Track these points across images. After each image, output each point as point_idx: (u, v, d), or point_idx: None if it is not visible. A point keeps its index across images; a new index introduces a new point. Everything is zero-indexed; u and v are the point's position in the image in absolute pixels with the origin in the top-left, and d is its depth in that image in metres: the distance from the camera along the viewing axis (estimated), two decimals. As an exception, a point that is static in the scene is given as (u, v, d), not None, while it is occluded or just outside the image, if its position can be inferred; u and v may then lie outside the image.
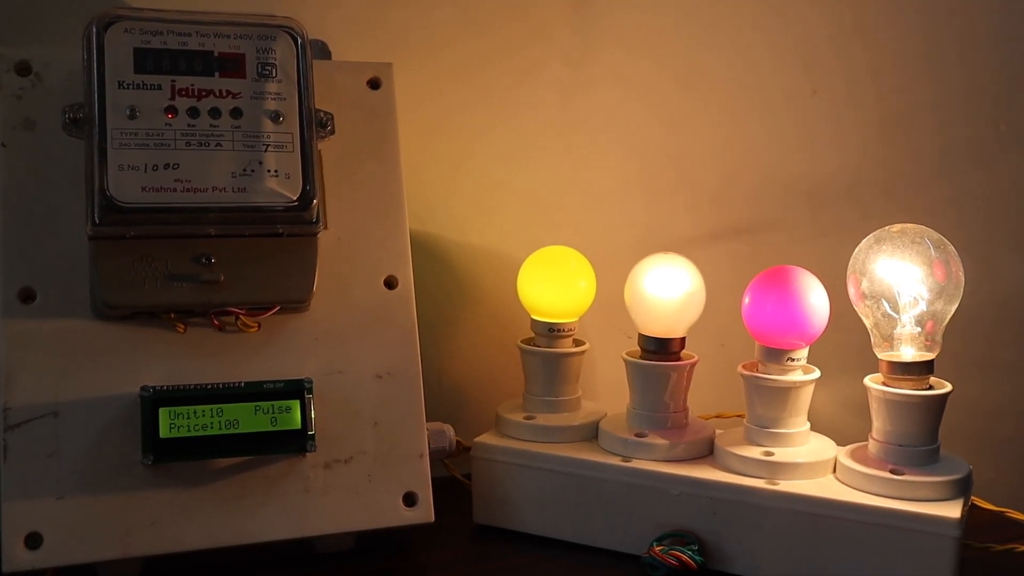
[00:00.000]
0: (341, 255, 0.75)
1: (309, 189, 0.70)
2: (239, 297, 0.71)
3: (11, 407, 0.68)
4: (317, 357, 0.73)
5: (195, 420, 0.69)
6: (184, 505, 0.69)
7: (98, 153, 0.67)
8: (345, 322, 0.74)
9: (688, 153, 0.96)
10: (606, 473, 0.77)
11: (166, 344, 0.71)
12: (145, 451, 0.68)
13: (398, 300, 0.76)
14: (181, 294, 0.69)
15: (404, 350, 0.75)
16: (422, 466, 0.74)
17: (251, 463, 0.71)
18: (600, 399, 0.88)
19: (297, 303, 0.73)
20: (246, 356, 0.72)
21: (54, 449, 0.68)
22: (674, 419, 0.79)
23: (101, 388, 0.69)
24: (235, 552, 0.70)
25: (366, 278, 0.75)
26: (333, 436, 0.72)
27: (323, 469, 0.72)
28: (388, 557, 0.75)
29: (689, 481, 0.74)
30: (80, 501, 0.68)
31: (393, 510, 0.73)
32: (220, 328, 0.72)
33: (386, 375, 0.74)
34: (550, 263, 0.83)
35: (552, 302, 0.82)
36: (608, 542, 0.77)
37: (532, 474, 0.79)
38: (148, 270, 0.69)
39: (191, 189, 0.68)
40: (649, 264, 0.79)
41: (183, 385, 0.70)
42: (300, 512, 0.71)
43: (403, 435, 0.74)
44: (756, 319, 0.75)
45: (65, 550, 0.67)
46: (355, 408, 0.73)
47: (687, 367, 0.78)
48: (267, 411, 0.70)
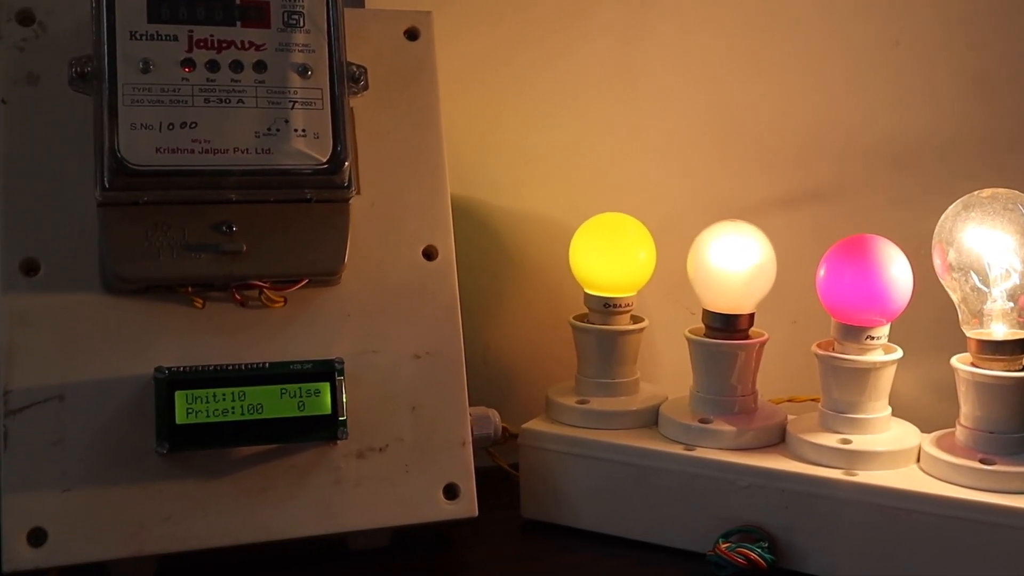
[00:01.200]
0: (375, 223, 0.74)
1: (340, 150, 0.69)
2: (263, 269, 0.70)
3: (12, 390, 0.66)
4: (349, 335, 0.72)
5: (215, 404, 0.68)
6: (202, 498, 0.68)
7: (108, 111, 0.66)
8: (380, 297, 0.73)
9: (764, 107, 0.94)
10: (667, 463, 0.75)
11: (183, 321, 0.70)
12: (160, 438, 0.67)
13: (438, 272, 0.75)
14: (199, 266, 0.68)
15: (445, 327, 0.74)
16: (464, 455, 0.73)
17: (276, 452, 0.70)
18: (660, 382, 0.86)
19: (327, 276, 0.72)
20: (271, 334, 0.71)
21: (59, 436, 0.67)
22: (742, 403, 0.77)
23: (111, 369, 0.68)
24: (259, 550, 0.69)
25: (403, 248, 0.75)
26: (367, 422, 0.71)
27: (356, 458, 0.71)
28: (427, 555, 0.75)
29: (758, 472, 0.73)
30: (88, 493, 0.67)
31: (433, 503, 0.72)
32: (242, 303, 0.70)
33: (425, 355, 0.73)
34: (606, 232, 0.81)
35: (608, 275, 0.81)
36: (669, 539, 0.76)
37: (586, 464, 0.77)
38: (163, 239, 0.68)
39: (210, 150, 0.67)
40: (715, 233, 0.78)
41: (201, 366, 0.68)
42: (330, 506, 0.70)
43: (444, 421, 0.73)
44: (832, 293, 0.74)
45: (71, 547, 0.66)
46: (391, 391, 0.72)
47: (756, 346, 0.77)
48: (294, 395, 0.69)
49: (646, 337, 0.83)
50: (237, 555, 0.70)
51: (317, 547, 0.72)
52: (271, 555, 0.71)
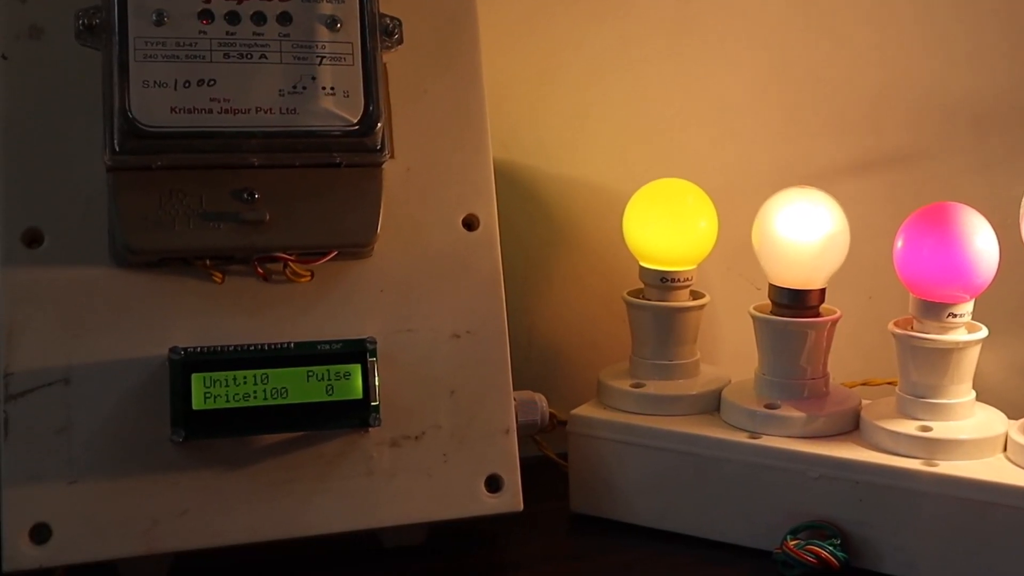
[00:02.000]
0: (411, 189, 0.73)
1: (372, 110, 0.68)
2: (288, 240, 0.69)
3: (13, 372, 0.65)
4: (382, 312, 0.71)
5: (235, 388, 0.67)
6: (221, 491, 0.68)
7: (118, 67, 0.65)
8: (416, 270, 0.73)
9: (832, 64, 0.94)
10: (730, 452, 0.75)
11: (200, 297, 0.69)
12: (175, 425, 0.66)
13: (479, 243, 0.74)
14: (218, 236, 0.68)
15: (487, 304, 0.73)
16: (508, 444, 0.72)
17: (302, 440, 0.69)
18: (723, 363, 0.86)
19: (358, 247, 0.71)
20: (297, 311, 0.70)
21: (65, 423, 0.66)
22: (812, 387, 0.77)
23: (122, 350, 0.67)
24: (283, 547, 0.69)
25: (441, 217, 0.74)
26: (401, 407, 0.71)
27: (389, 447, 0.70)
28: (467, 553, 0.74)
29: (830, 462, 0.72)
30: (96, 486, 0.66)
31: (473, 497, 0.72)
32: (265, 278, 0.70)
33: (465, 334, 0.73)
34: (663, 200, 0.81)
35: (665, 246, 0.80)
36: (733, 535, 0.75)
37: (641, 453, 0.77)
38: (178, 207, 0.67)
39: (230, 110, 0.67)
40: (783, 201, 0.77)
41: (220, 346, 0.67)
42: (362, 499, 0.70)
43: (485, 406, 0.72)
44: (911, 267, 0.73)
45: (78, 545, 0.65)
46: (428, 374, 0.72)
47: (827, 324, 0.76)
48: (322, 377, 0.68)
49: (707, 314, 0.82)
50: (259, 553, 0.69)
51: (347, 544, 0.72)
52: (296, 553, 0.71)
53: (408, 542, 0.73)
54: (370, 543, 0.72)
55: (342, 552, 0.72)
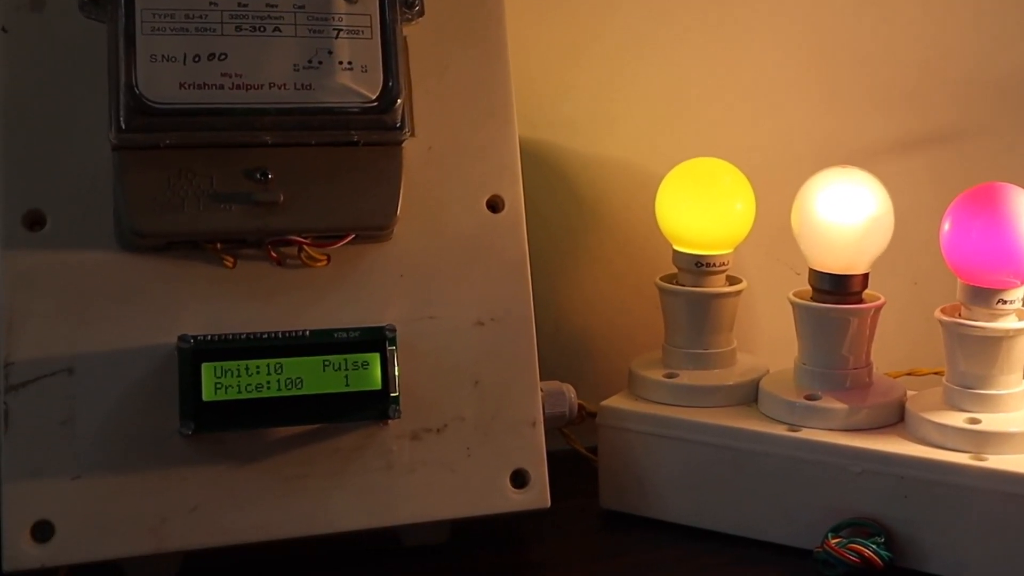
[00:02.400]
0: (432, 169, 0.72)
1: (392, 86, 0.68)
2: (303, 222, 0.68)
3: (14, 362, 0.65)
4: (402, 299, 0.71)
5: (247, 379, 0.66)
6: (233, 487, 0.67)
7: (124, 40, 0.65)
8: (438, 254, 0.72)
9: (875, 37, 0.94)
10: (768, 446, 0.74)
11: (211, 282, 0.68)
12: (184, 418, 0.66)
13: (504, 226, 0.73)
14: (229, 219, 0.67)
15: (512, 290, 0.73)
16: (535, 437, 0.72)
17: (318, 433, 0.68)
18: (761, 352, 0.85)
19: (377, 230, 0.70)
20: (312, 297, 0.69)
21: (68, 415, 0.65)
22: (855, 377, 0.76)
23: (128, 338, 0.67)
24: (298, 546, 0.68)
25: (464, 199, 0.73)
26: (422, 399, 0.70)
27: (410, 441, 0.70)
28: (492, 552, 0.74)
29: (873, 456, 0.72)
30: (101, 481, 0.65)
31: (498, 493, 0.71)
32: (279, 262, 0.69)
33: (489, 321, 0.72)
34: (697, 180, 0.80)
35: (700, 229, 0.79)
36: (771, 533, 0.74)
37: (674, 447, 0.76)
38: (188, 188, 0.67)
39: (242, 86, 0.66)
40: (824, 181, 0.76)
41: (232, 334, 0.67)
42: (381, 496, 0.69)
43: (511, 397, 0.72)
44: (959, 250, 0.72)
45: (82, 543, 0.65)
46: (450, 363, 0.71)
47: (871, 311, 0.75)
48: (339, 367, 0.67)
49: (744, 301, 0.82)
50: (272, 552, 0.69)
51: (365, 543, 0.71)
52: (311, 552, 0.71)
53: (430, 540, 0.72)
54: (390, 542, 0.72)
55: (360, 551, 0.72)
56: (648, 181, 0.83)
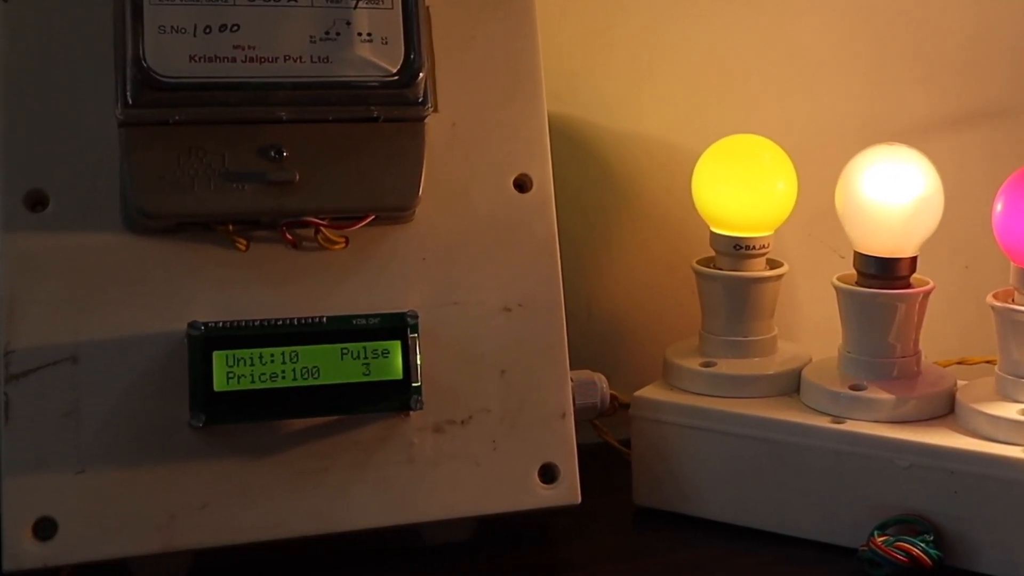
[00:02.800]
0: (457, 147, 0.72)
1: (414, 58, 0.67)
2: (320, 203, 0.68)
3: (15, 350, 0.64)
4: (425, 283, 0.70)
5: (261, 368, 0.66)
6: (246, 482, 0.67)
7: (131, 10, 0.64)
8: (462, 236, 0.72)
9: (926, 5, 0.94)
10: (811, 438, 0.73)
11: (222, 266, 0.68)
12: (195, 409, 0.65)
13: (533, 207, 0.73)
14: (242, 199, 0.66)
15: (541, 273, 0.72)
16: (565, 429, 0.71)
17: (336, 426, 0.68)
18: (803, 339, 0.85)
19: (398, 211, 0.70)
20: (329, 282, 0.69)
21: (72, 406, 0.65)
22: (902, 366, 0.75)
23: (135, 324, 0.66)
24: (314, 544, 0.68)
25: (490, 177, 0.72)
26: (446, 389, 0.70)
27: (432, 433, 0.69)
28: (519, 551, 0.73)
29: (922, 449, 0.71)
30: (107, 476, 0.65)
31: (526, 488, 0.70)
32: (294, 245, 0.68)
33: (517, 307, 0.72)
34: (736, 158, 0.79)
35: (739, 210, 0.78)
36: (813, 531, 0.74)
37: (712, 439, 0.75)
38: (198, 167, 0.66)
39: (256, 59, 0.66)
40: (870, 159, 0.76)
41: (245, 321, 0.66)
42: (402, 491, 0.69)
43: (539, 388, 0.71)
44: (1012, 232, 0.72)
45: (86, 541, 0.64)
46: (476, 351, 0.71)
47: (919, 296, 0.75)
48: (358, 356, 0.67)
49: (785, 285, 0.81)
50: (288, 551, 0.68)
51: (385, 541, 0.71)
52: (329, 551, 0.70)
53: (453, 539, 0.72)
54: (411, 540, 0.71)
55: (380, 550, 0.71)
56: (684, 159, 0.82)
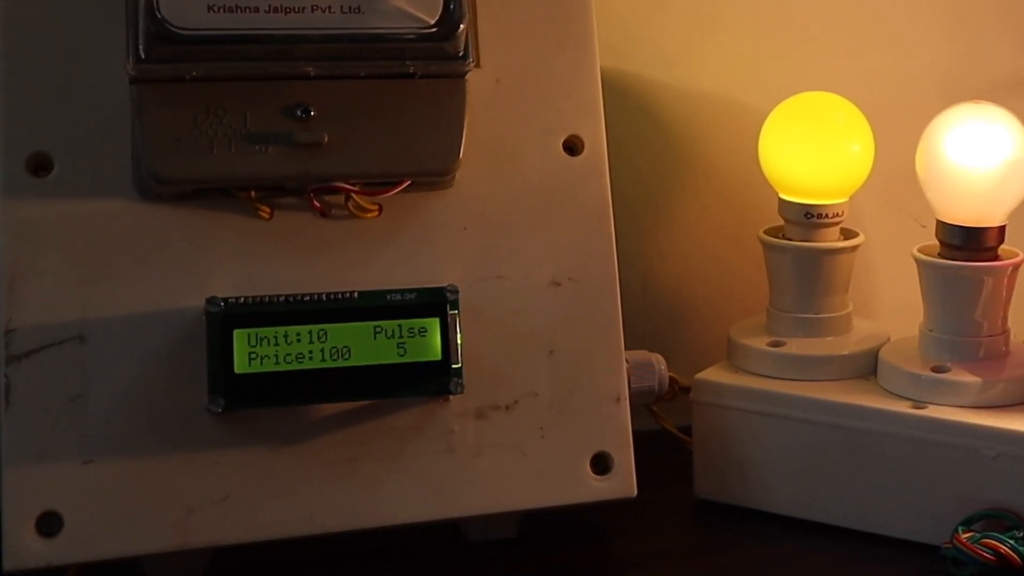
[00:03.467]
0: (501, 106, 0.70)
1: (453, 9, 0.65)
2: (351, 167, 0.66)
3: (16, 328, 0.62)
4: (466, 255, 0.69)
5: (286, 348, 0.64)
6: (270, 473, 0.65)
7: None
8: (507, 204, 0.70)
9: None
10: (890, 425, 0.71)
11: (244, 236, 0.66)
12: (213, 393, 0.63)
13: (584, 171, 0.71)
14: (265, 162, 0.65)
15: (593, 244, 0.70)
16: (619, 415, 0.69)
17: (369, 411, 0.66)
18: (880, 316, 0.85)
19: (436, 176, 0.68)
20: (361, 254, 0.67)
21: (79, 390, 0.63)
22: (989, 346, 0.73)
23: (148, 300, 0.64)
24: (345, 541, 0.66)
25: (538, 139, 0.70)
26: (489, 371, 0.68)
27: (474, 420, 0.68)
28: (569, 548, 0.71)
29: (1011, 437, 0.69)
30: (117, 466, 0.63)
31: (577, 480, 0.69)
32: (323, 213, 0.66)
33: (567, 281, 0.70)
34: (807, 117, 0.77)
35: (810, 174, 0.76)
36: (892, 526, 0.72)
37: (780, 426, 0.73)
38: (217, 127, 0.64)
39: (280, 9, 0.64)
40: (953, 119, 0.74)
41: (268, 296, 0.64)
42: (440, 483, 0.67)
43: (591, 369, 0.69)
44: None
45: (94, 538, 0.62)
46: (522, 330, 0.69)
47: (1007, 270, 0.73)
48: (392, 334, 0.65)
49: (861, 257, 0.79)
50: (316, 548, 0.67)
51: (423, 537, 0.69)
52: (361, 548, 0.68)
53: (497, 535, 0.70)
54: (451, 536, 0.70)
55: (416, 547, 0.70)
56: (751, 119, 0.81)
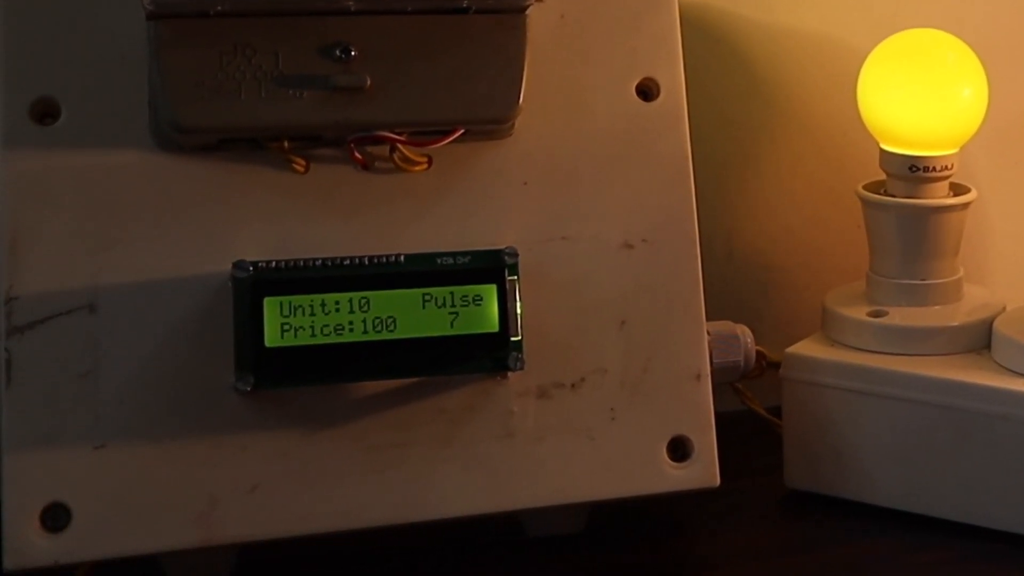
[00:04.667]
0: (566, 45, 0.68)
1: None
2: (396, 114, 0.63)
3: (18, 296, 0.60)
4: (526, 213, 0.66)
5: (323, 318, 0.61)
6: (304, 460, 0.62)
7: None
8: (573, 156, 0.67)
9: None
10: (1006, 405, 0.68)
11: (275, 192, 0.63)
12: (241, 369, 0.60)
13: (660, 118, 0.68)
14: (300, 109, 0.62)
15: (671, 201, 0.68)
16: (700, 394, 0.67)
17: (416, 390, 0.63)
18: (995, 283, 0.83)
19: (493, 124, 0.65)
20: (409, 212, 0.65)
21: (89, 366, 0.60)
22: None
23: (167, 265, 0.62)
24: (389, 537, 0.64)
25: (608, 82, 0.68)
26: (553, 344, 0.65)
27: (536, 400, 0.65)
28: (643, 545, 0.68)
29: None
30: (132, 452, 0.60)
31: (652, 468, 0.66)
32: (365, 165, 0.64)
33: (640, 243, 0.67)
34: (912, 58, 0.75)
35: (916, 122, 0.74)
36: (1009, 520, 0.69)
37: (882, 407, 0.70)
38: (245, 69, 0.62)
39: None
40: None
41: (303, 260, 0.62)
42: (498, 472, 0.64)
43: (668, 343, 0.67)
44: None
45: (107, 534, 0.60)
46: (589, 298, 0.66)
47: None
48: (443, 303, 0.63)
49: (973, 216, 0.76)
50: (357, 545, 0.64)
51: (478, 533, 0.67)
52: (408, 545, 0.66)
53: (561, 530, 0.68)
54: (510, 531, 0.67)
55: (471, 544, 0.68)
56: (849, 59, 0.79)
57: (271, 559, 0.63)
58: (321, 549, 0.64)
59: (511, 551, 0.67)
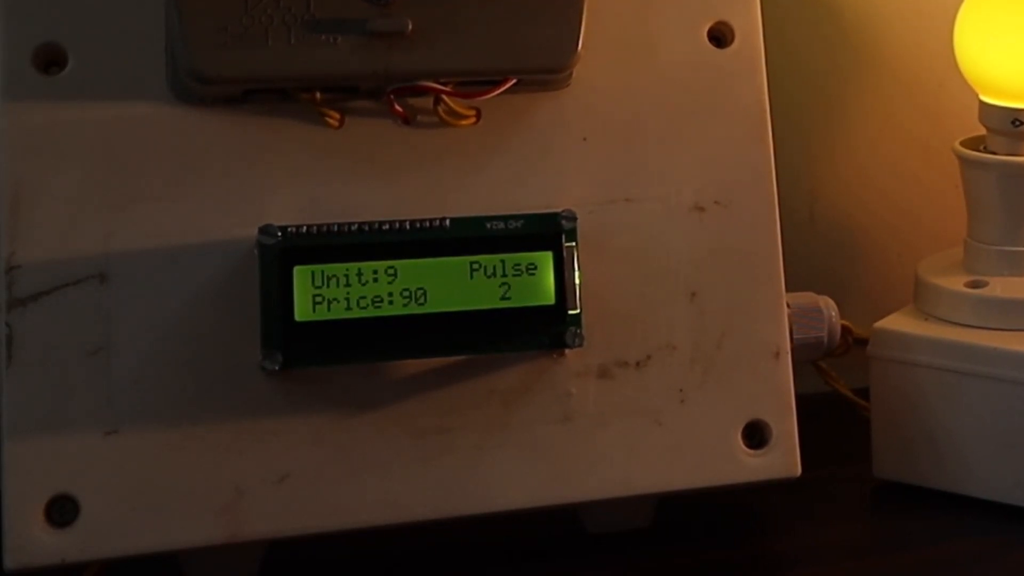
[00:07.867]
0: None
1: None
2: (440, 63, 0.61)
3: (20, 264, 0.58)
4: (585, 172, 0.64)
5: (359, 289, 0.59)
6: (339, 448, 0.60)
7: None
8: (637, 108, 0.64)
9: None
10: None
11: (306, 149, 0.61)
12: (268, 346, 0.58)
13: (734, 67, 0.66)
14: (334, 57, 0.60)
15: (747, 158, 0.66)
16: (778, 374, 0.65)
17: (464, 369, 0.61)
18: None
19: (548, 73, 0.63)
20: (455, 171, 0.63)
21: (100, 343, 0.58)
22: None
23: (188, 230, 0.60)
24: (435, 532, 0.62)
25: (677, 28, 0.66)
26: (616, 318, 0.63)
27: (596, 380, 0.63)
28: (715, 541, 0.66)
29: None
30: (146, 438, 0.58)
31: (726, 455, 0.64)
32: (406, 120, 0.62)
33: (712, 205, 0.65)
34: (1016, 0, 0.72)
35: (1019, 72, 0.71)
36: None
37: (982, 389, 0.68)
38: (273, 13, 0.60)
39: None
40: None
41: (337, 225, 0.60)
42: (554, 460, 0.62)
43: (744, 316, 0.65)
44: None
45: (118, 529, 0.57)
46: (656, 267, 0.64)
47: None
48: (493, 272, 0.61)
49: None
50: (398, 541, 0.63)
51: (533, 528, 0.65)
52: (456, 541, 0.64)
53: (625, 524, 0.65)
54: (568, 525, 0.65)
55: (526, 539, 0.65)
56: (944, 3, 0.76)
57: (302, 557, 0.62)
58: (358, 546, 0.62)
59: (569, 549, 0.65)
